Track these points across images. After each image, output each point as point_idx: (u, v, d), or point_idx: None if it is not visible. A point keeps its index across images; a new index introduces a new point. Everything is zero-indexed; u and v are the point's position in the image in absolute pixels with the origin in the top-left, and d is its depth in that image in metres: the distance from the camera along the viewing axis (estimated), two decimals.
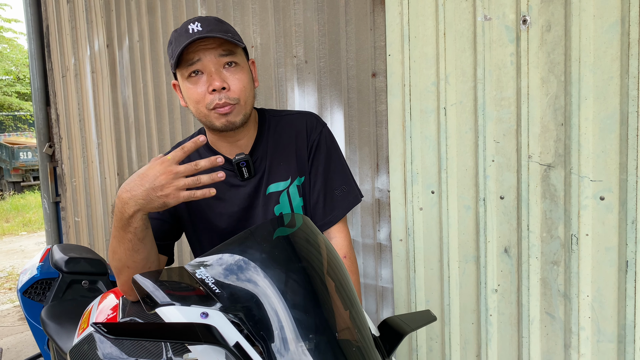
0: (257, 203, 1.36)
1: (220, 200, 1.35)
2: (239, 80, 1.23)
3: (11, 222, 9.61)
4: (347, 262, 1.37)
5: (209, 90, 1.20)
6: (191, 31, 1.19)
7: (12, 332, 4.29)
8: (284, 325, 0.82)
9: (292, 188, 1.37)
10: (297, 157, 1.38)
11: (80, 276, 1.90)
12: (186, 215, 1.36)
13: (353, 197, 1.41)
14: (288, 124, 1.41)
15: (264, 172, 1.36)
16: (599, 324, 1.44)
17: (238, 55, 1.24)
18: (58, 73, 4.22)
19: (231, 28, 1.27)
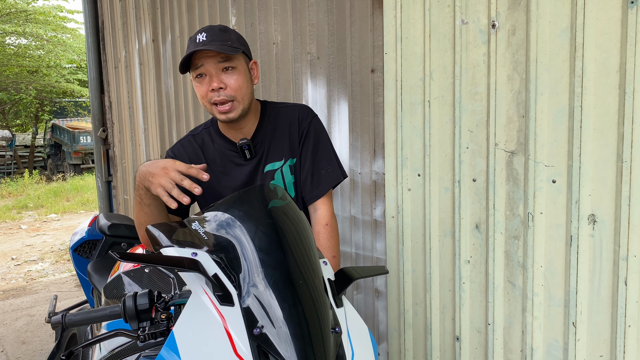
0: (257, 179, 1.68)
1: (226, 175, 1.66)
2: (235, 80, 1.55)
3: (71, 201, 10.37)
4: (329, 229, 1.65)
5: (210, 89, 1.53)
6: (198, 41, 1.53)
7: (69, 296, 4.81)
8: (251, 263, 1.11)
9: (285, 167, 1.69)
10: (290, 142, 1.69)
11: (120, 239, 2.28)
12: (206, 193, 1.68)
13: (336, 176, 1.70)
14: (284, 114, 1.71)
15: (262, 153, 1.68)
16: (549, 290, 1.66)
17: (235, 60, 1.55)
18: (111, 64, 4.66)
19: (232, 36, 1.58)
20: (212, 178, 1.66)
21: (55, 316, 1.17)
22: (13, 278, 5.54)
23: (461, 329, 1.92)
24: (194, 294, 1.09)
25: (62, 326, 1.15)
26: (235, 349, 1.00)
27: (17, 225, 8.45)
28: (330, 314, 1.12)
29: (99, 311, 1.17)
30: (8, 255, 6.48)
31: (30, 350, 3.71)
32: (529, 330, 1.72)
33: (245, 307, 1.05)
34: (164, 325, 1.16)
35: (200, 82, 1.55)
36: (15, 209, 9.72)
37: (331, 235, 1.64)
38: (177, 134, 3.68)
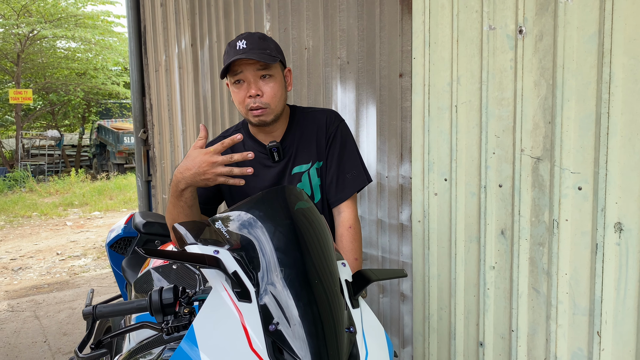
0: (284, 181, 1.74)
1: (255, 176, 1.72)
2: (271, 88, 1.61)
3: (114, 200, 10.73)
4: (352, 231, 1.68)
5: (247, 95, 1.60)
6: (238, 48, 1.59)
7: (108, 291, 4.99)
8: (269, 261, 1.15)
9: (312, 170, 1.74)
10: (317, 145, 1.74)
11: (154, 236, 2.37)
12: (227, 187, 1.74)
13: (361, 180, 1.74)
14: (312, 118, 1.77)
15: (290, 156, 1.73)
16: (574, 298, 1.64)
17: (272, 68, 1.61)
18: (152, 68, 4.82)
19: (271, 44, 1.65)
20: (246, 183, 1.72)
21: (87, 308, 1.25)
22: (57, 272, 5.78)
23: (485, 335, 1.92)
24: (214, 289, 1.14)
25: (92, 317, 1.23)
26: (251, 343, 1.04)
27: (62, 221, 8.80)
28: (345, 314, 1.15)
29: (127, 304, 1.24)
30: (54, 250, 6.76)
31: (71, 341, 3.87)
32: (553, 338, 1.70)
33: (262, 304, 1.09)
34: (187, 319, 1.21)
35: (238, 88, 1.61)
36: (61, 206, 10.13)
37: (354, 238, 1.67)
38: (214, 135, 3.78)
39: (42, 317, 4.37)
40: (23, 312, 4.51)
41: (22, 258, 6.42)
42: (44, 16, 13.69)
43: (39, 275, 5.69)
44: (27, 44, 13.72)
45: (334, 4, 2.47)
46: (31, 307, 4.63)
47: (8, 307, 4.65)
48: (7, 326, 4.19)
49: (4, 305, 4.70)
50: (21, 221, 8.87)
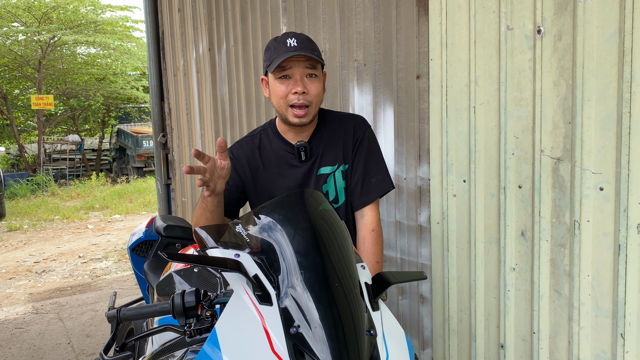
0: (310, 181, 1.76)
1: (281, 176, 1.76)
2: (315, 88, 1.65)
3: (134, 203, 10.86)
4: (374, 235, 1.69)
5: (292, 91, 1.63)
6: (289, 45, 1.62)
7: (129, 293, 5.06)
8: (289, 265, 1.16)
9: (338, 172, 1.77)
10: (344, 148, 1.77)
11: (175, 240, 2.40)
12: (253, 188, 1.77)
13: (385, 185, 1.76)
14: (340, 122, 1.80)
15: (317, 157, 1.76)
16: (597, 300, 1.62)
17: (317, 69, 1.67)
18: (170, 72, 4.87)
19: (317, 47, 1.70)
20: (266, 178, 1.76)
21: (111, 311, 1.27)
22: (79, 275, 5.88)
23: (506, 337, 1.90)
24: (235, 293, 1.16)
25: (116, 320, 1.25)
26: (273, 346, 1.05)
27: (84, 225, 8.94)
28: (365, 317, 1.16)
29: (150, 307, 1.26)
30: (76, 253, 6.87)
31: (94, 343, 3.93)
32: (575, 340, 1.68)
33: (283, 307, 1.10)
34: (208, 322, 1.23)
35: (283, 83, 1.63)
36: (83, 210, 10.29)
37: (376, 241, 1.69)
38: (232, 138, 3.81)
39: (65, 319, 4.45)
40: (47, 314, 4.59)
41: (45, 261, 6.54)
42: (64, 23, 13.93)
43: (61, 277, 5.79)
44: (48, 50, 13.97)
45: (350, 6, 2.48)
46: (55, 309, 4.71)
47: (32, 310, 4.74)
48: (31, 328, 4.28)
49: (28, 308, 4.79)
50: (44, 224, 9.03)
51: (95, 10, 14.51)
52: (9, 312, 4.68)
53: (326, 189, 1.75)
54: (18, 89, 16.20)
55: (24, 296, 5.18)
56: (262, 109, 3.35)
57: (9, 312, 4.68)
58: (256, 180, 1.78)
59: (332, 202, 1.76)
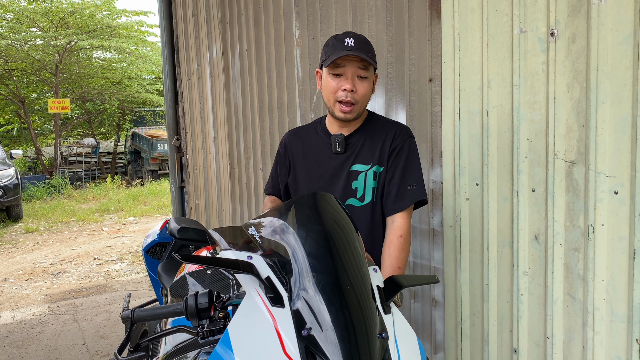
0: (342, 174, 1.82)
1: (318, 165, 1.87)
2: (364, 88, 1.74)
3: (148, 205, 10.95)
4: (402, 240, 1.71)
5: (342, 88, 1.72)
6: (346, 44, 1.70)
7: (143, 295, 5.10)
8: (301, 267, 1.17)
9: (370, 172, 1.81)
10: (381, 151, 1.81)
11: (188, 242, 2.42)
12: (293, 174, 1.93)
13: (419, 194, 1.78)
14: (384, 125, 1.86)
15: (353, 153, 1.82)
16: (612, 305, 1.60)
17: (369, 71, 1.74)
18: (185, 76, 4.91)
19: (372, 49, 1.76)
20: (305, 166, 1.90)
21: (125, 312, 1.29)
22: (94, 276, 5.94)
23: (519, 342, 1.89)
24: (247, 294, 1.16)
25: (131, 321, 1.26)
26: (285, 348, 1.06)
27: (99, 227, 9.03)
28: (377, 320, 1.16)
29: (164, 308, 1.27)
30: (91, 255, 6.94)
31: (108, 344, 3.97)
32: (589, 345, 1.67)
33: (294, 309, 1.11)
34: (221, 324, 1.24)
35: (335, 79, 1.73)
36: (98, 212, 10.39)
37: (402, 248, 1.69)
38: (245, 142, 3.84)
39: (80, 320, 4.50)
40: (62, 315, 4.65)
41: (61, 262, 6.61)
42: (80, 28, 14.11)
43: (77, 279, 5.86)
44: (64, 55, 14.16)
45: (362, 10, 2.49)
46: (70, 311, 4.77)
47: (48, 310, 4.80)
48: (47, 329, 4.33)
49: (44, 309, 4.85)
50: (60, 226, 9.14)
51: (111, 15, 14.67)
52: (25, 313, 4.74)
53: (355, 186, 1.82)
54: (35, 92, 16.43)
55: (40, 297, 5.25)
56: (275, 112, 3.37)
57: (25, 313, 4.74)
58: (297, 167, 1.92)
59: (358, 199, 1.82)
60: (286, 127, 3.25)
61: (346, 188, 1.81)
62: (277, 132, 3.37)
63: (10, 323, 4.50)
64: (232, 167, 4.07)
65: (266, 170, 3.56)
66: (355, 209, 1.81)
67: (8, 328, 4.38)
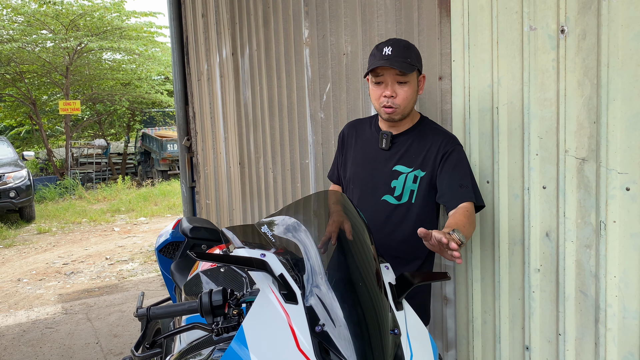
0: (385, 171, 1.92)
1: (364, 156, 2.01)
2: (404, 93, 1.84)
3: (159, 206, 11.01)
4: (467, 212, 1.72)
5: (383, 94, 1.85)
6: (384, 53, 1.80)
7: (155, 294, 5.14)
8: (314, 265, 1.19)
9: (411, 175, 1.89)
10: (426, 156, 1.88)
11: (201, 241, 2.44)
12: (346, 162, 2.09)
13: (476, 195, 1.82)
14: (433, 132, 1.93)
15: (397, 153, 1.91)
16: (624, 302, 1.60)
17: (409, 75, 1.81)
18: (195, 77, 4.95)
19: (413, 53, 1.84)
20: (354, 155, 2.05)
21: (141, 310, 1.31)
22: (107, 276, 5.99)
23: (531, 339, 1.89)
24: (261, 291, 1.18)
25: (146, 318, 1.29)
26: (298, 344, 1.07)
27: (110, 227, 9.10)
28: (389, 316, 1.17)
29: (179, 306, 1.30)
30: (102, 255, 7.01)
31: (121, 343, 4.01)
32: (602, 342, 1.67)
33: (308, 305, 1.13)
34: (235, 321, 1.26)
35: (377, 87, 1.86)
36: (109, 212, 10.48)
37: (465, 215, 1.70)
38: (255, 141, 3.86)
39: (93, 320, 4.55)
40: (76, 315, 4.70)
41: (74, 263, 6.68)
42: (90, 30, 14.21)
43: (89, 279, 5.91)
44: (75, 57, 14.27)
45: (371, 9, 2.50)
46: (83, 310, 4.82)
47: (62, 310, 4.85)
48: (61, 328, 4.38)
49: (58, 308, 4.91)
50: (72, 227, 9.23)
51: (120, 17, 14.76)
52: (39, 313, 4.80)
53: (394, 185, 1.91)
54: (46, 94, 16.58)
55: (53, 297, 5.31)
56: (285, 112, 3.39)
57: (39, 313, 4.80)
58: (348, 155, 2.08)
59: (395, 197, 1.90)
60: (296, 126, 3.27)
61: (385, 184, 1.91)
62: (287, 132, 3.38)
63: (25, 322, 4.56)
64: (243, 167, 4.09)
65: (276, 169, 3.58)
66: (390, 206, 1.90)
67: (23, 327, 4.44)
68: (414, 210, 1.90)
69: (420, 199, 1.89)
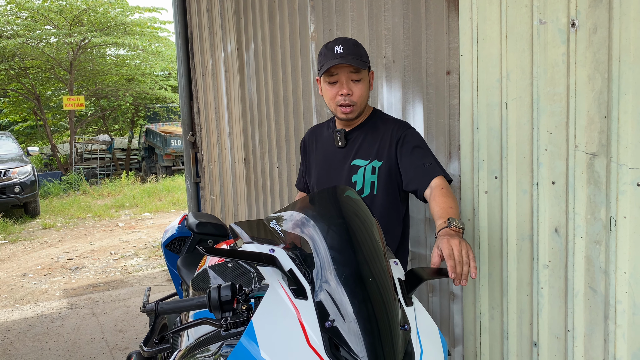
0: (344, 167, 1.95)
1: (325, 158, 2.04)
2: (359, 89, 1.87)
3: (163, 201, 11.03)
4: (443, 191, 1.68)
5: (339, 93, 1.86)
6: (336, 52, 1.81)
7: (160, 290, 5.15)
8: (323, 260, 1.18)
9: (369, 167, 1.91)
10: (379, 147, 1.90)
11: (207, 236, 2.44)
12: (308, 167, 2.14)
13: (438, 170, 1.78)
14: (384, 121, 1.97)
15: (354, 148, 1.94)
16: (634, 298, 1.59)
17: (362, 73, 1.86)
18: (199, 72, 4.94)
19: (362, 51, 1.88)
20: (316, 159, 2.09)
21: (149, 304, 1.30)
22: (111, 272, 6.01)
23: (539, 335, 1.88)
24: (271, 287, 1.18)
25: (155, 313, 1.28)
26: (308, 339, 1.06)
27: (115, 222, 9.13)
28: (399, 312, 1.16)
29: (187, 301, 1.29)
30: (107, 250, 7.02)
31: (127, 338, 4.02)
32: (611, 338, 1.66)
33: (317, 301, 1.12)
34: (244, 316, 1.25)
35: (332, 87, 1.87)
36: (113, 208, 10.50)
37: (445, 194, 1.66)
38: (260, 137, 3.85)
39: (99, 315, 4.56)
40: (81, 310, 4.71)
41: (79, 258, 6.70)
42: (94, 25, 14.21)
43: (94, 274, 5.93)
44: (79, 52, 14.28)
45: (378, 3, 2.48)
46: (89, 305, 4.83)
47: (67, 305, 4.87)
48: (67, 323, 4.40)
49: (63, 303, 4.92)
50: (76, 222, 9.25)
51: (123, 12, 14.76)
52: (45, 307, 4.82)
53: (355, 179, 1.93)
54: (50, 90, 16.61)
55: (59, 292, 5.32)
56: (290, 107, 3.38)
57: (45, 307, 4.82)
58: (311, 161, 2.12)
59: (358, 191, 1.86)
60: (301, 121, 3.26)
61: (346, 181, 1.94)
62: (293, 127, 3.37)
63: (30, 317, 4.58)
64: (248, 162, 4.09)
65: (282, 165, 3.57)
66: None
67: (29, 322, 4.46)
68: (377, 201, 1.92)
69: (382, 189, 1.91)
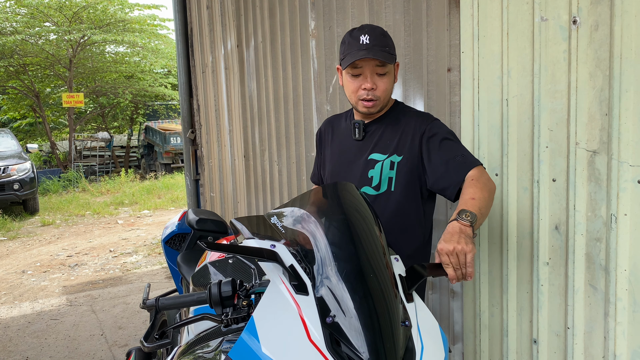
0: (360, 161, 1.85)
1: (341, 150, 1.94)
2: (384, 84, 1.77)
3: (162, 199, 11.02)
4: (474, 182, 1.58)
5: (362, 87, 1.75)
6: (362, 42, 1.68)
7: (159, 287, 5.15)
8: (324, 256, 1.18)
9: (387, 161, 1.81)
10: (400, 140, 1.80)
11: (207, 233, 2.44)
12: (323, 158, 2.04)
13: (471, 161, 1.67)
14: (405, 114, 1.86)
15: (372, 141, 1.84)
16: (634, 295, 1.59)
17: (387, 67, 1.74)
18: (199, 69, 4.93)
19: (390, 41, 1.76)
20: (331, 151, 1.99)
21: (150, 300, 1.30)
22: (111, 269, 6.01)
23: (539, 332, 1.88)
24: (272, 282, 1.17)
25: (155, 309, 1.28)
26: (309, 335, 1.06)
27: (114, 220, 9.12)
28: (400, 308, 1.16)
29: (188, 297, 1.29)
30: (106, 247, 7.02)
31: (126, 335, 4.02)
32: (611, 336, 1.66)
33: (318, 296, 1.12)
34: (245, 311, 1.25)
35: (355, 79, 1.76)
36: (112, 205, 10.49)
37: (474, 185, 1.56)
38: (260, 134, 3.85)
39: (98, 312, 4.56)
40: (81, 307, 4.71)
41: (78, 255, 6.70)
42: (94, 22, 14.18)
43: (93, 271, 5.93)
44: (78, 49, 14.25)
45: (379, 0, 2.47)
46: (88, 302, 4.83)
47: (67, 302, 4.86)
48: (66, 319, 4.40)
49: (63, 300, 4.92)
50: (75, 220, 9.25)
51: (123, 9, 14.72)
52: (44, 304, 4.82)
53: (371, 175, 1.82)
54: (50, 87, 16.57)
55: (58, 289, 5.32)
56: (290, 104, 3.37)
57: (44, 304, 4.82)
58: (326, 153, 2.02)
59: (373, 187, 1.82)
60: (301, 119, 3.26)
61: (362, 176, 1.83)
62: (292, 125, 3.37)
63: (29, 314, 4.57)
64: (247, 160, 4.08)
65: (281, 162, 3.57)
66: (369, 197, 1.81)
67: (28, 319, 4.45)
68: (394, 198, 1.79)
69: (400, 186, 1.78)
